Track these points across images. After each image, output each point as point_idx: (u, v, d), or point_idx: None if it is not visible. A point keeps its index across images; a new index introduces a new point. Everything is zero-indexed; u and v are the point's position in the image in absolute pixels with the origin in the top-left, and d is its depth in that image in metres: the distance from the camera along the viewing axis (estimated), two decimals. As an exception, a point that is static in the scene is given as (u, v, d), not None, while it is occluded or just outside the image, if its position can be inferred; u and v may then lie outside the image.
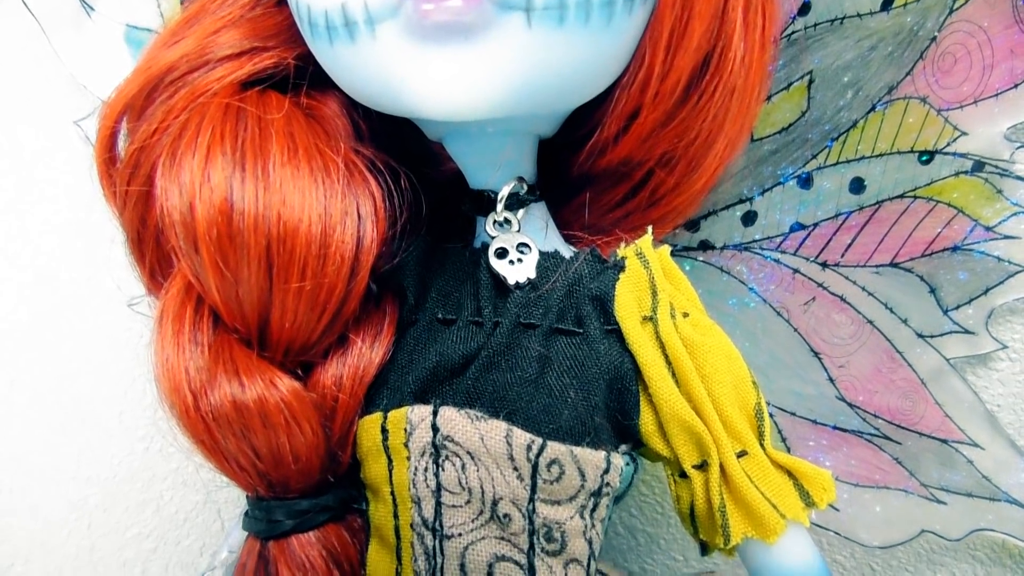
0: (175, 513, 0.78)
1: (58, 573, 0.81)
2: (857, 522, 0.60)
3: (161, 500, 0.78)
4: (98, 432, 0.78)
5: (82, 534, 0.80)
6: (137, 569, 0.80)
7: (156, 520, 0.78)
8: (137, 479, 0.79)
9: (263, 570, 0.44)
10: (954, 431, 0.60)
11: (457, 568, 0.42)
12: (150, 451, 0.78)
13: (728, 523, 0.44)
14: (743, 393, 0.46)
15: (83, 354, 0.78)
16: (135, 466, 0.78)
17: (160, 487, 0.78)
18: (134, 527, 0.79)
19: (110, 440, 0.78)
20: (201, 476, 0.77)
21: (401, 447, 0.44)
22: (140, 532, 0.79)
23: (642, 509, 0.70)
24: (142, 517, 0.79)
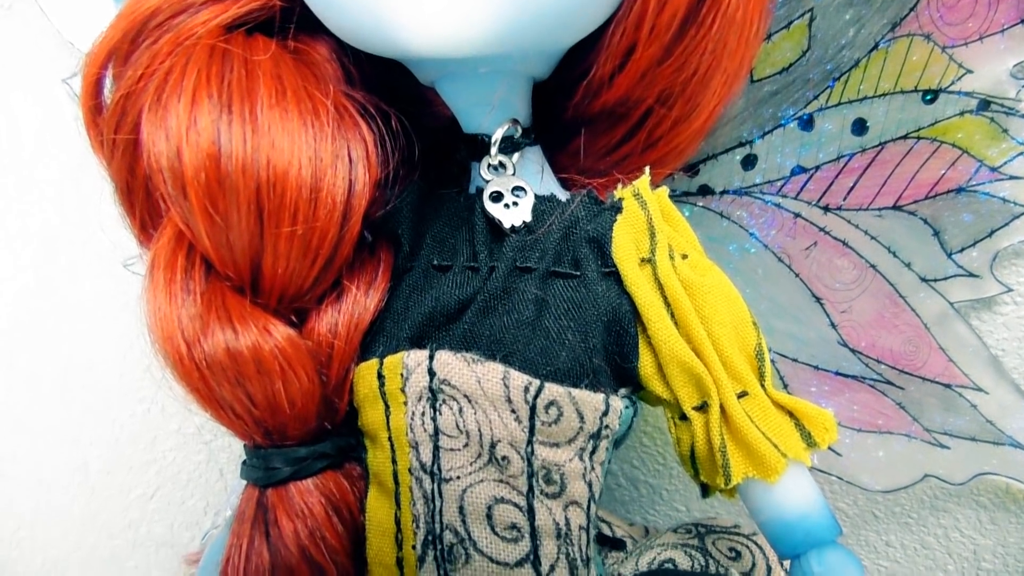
0: (178, 473, 0.79)
1: (63, 536, 0.81)
2: (860, 467, 0.60)
3: (164, 461, 0.78)
4: (98, 395, 0.78)
5: (86, 497, 0.80)
6: (143, 530, 0.80)
7: (159, 481, 0.79)
8: (139, 440, 0.79)
9: (262, 518, 0.44)
10: (958, 376, 0.59)
11: (456, 511, 0.41)
12: (151, 412, 0.78)
13: (729, 463, 0.43)
14: (743, 334, 0.46)
15: (82, 317, 0.78)
16: (136, 428, 0.78)
17: (162, 448, 0.78)
18: (137, 488, 0.79)
19: (110, 402, 0.78)
20: (203, 436, 0.77)
21: (398, 392, 0.43)
22: (144, 493, 0.79)
23: (644, 461, 0.69)
24: (145, 478, 0.79)
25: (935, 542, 0.65)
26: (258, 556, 0.43)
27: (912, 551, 0.66)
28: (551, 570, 0.42)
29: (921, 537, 0.66)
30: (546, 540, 0.42)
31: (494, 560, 0.41)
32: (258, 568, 0.43)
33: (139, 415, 0.78)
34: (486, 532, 0.41)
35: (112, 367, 0.78)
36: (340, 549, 0.44)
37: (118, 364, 0.78)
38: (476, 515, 0.42)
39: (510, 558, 0.41)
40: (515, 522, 0.42)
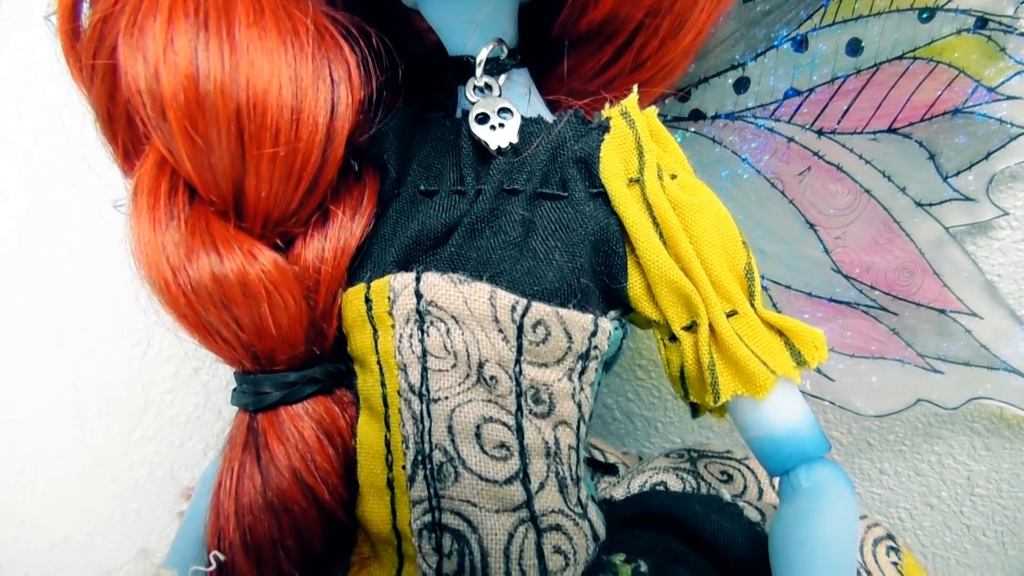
0: (176, 415, 0.79)
1: (65, 479, 0.82)
2: (853, 392, 0.60)
3: (162, 403, 0.79)
4: (95, 340, 0.79)
5: (87, 441, 0.81)
6: (143, 471, 0.81)
7: (158, 423, 0.79)
8: (137, 384, 0.79)
9: (253, 442, 0.44)
10: (952, 301, 0.59)
11: (445, 430, 0.42)
12: (148, 356, 0.78)
13: (718, 381, 0.43)
14: (732, 253, 0.45)
15: (74, 261, 0.78)
16: (134, 372, 0.79)
17: (160, 390, 0.78)
18: (137, 431, 0.79)
19: (107, 347, 0.79)
20: (200, 377, 0.77)
21: (385, 316, 0.43)
22: (143, 436, 0.80)
23: (639, 394, 0.70)
24: (144, 420, 0.79)
25: (929, 469, 0.66)
26: (250, 479, 0.43)
27: (906, 478, 0.66)
28: (540, 488, 0.42)
29: (915, 464, 0.66)
30: (535, 458, 0.42)
31: (483, 478, 0.41)
32: (250, 491, 0.43)
33: (135, 359, 0.78)
34: (475, 451, 0.42)
35: (107, 312, 0.78)
36: (332, 472, 0.45)
37: (113, 309, 0.78)
38: (465, 434, 0.42)
39: (499, 476, 0.42)
40: (504, 441, 0.42)
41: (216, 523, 0.43)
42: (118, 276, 0.77)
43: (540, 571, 0.41)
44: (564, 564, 0.42)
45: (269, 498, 0.43)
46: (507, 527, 0.41)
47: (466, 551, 0.41)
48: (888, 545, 0.50)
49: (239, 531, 0.42)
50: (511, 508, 0.42)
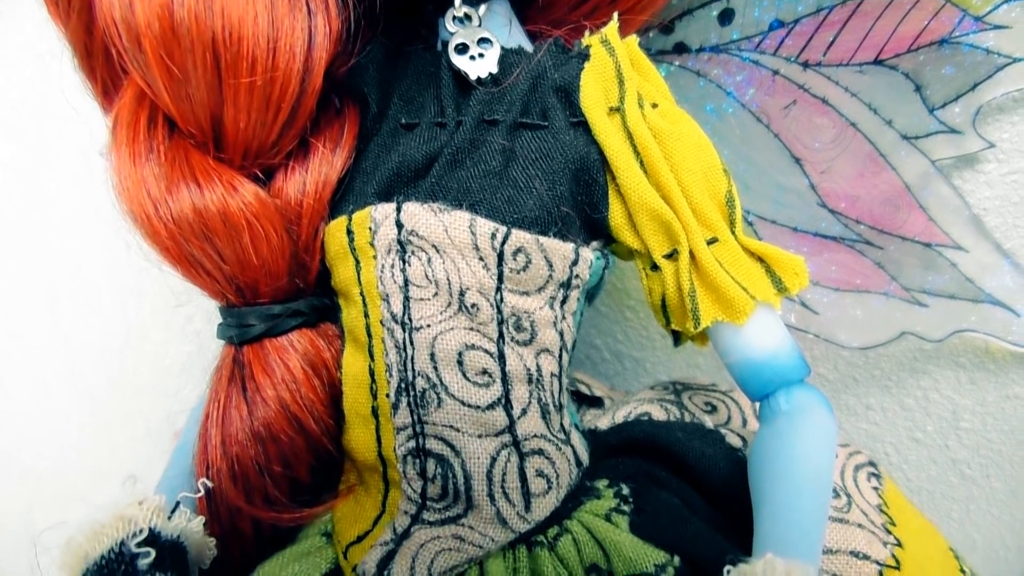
0: (170, 365, 0.80)
1: (63, 433, 0.83)
2: (837, 325, 0.60)
3: (155, 353, 0.79)
4: (87, 292, 0.79)
5: (81, 394, 0.82)
6: (139, 422, 0.82)
7: (153, 373, 0.80)
8: (130, 335, 0.79)
9: (238, 374, 0.45)
10: (938, 235, 0.59)
11: (427, 358, 0.42)
12: (140, 306, 0.79)
13: (698, 308, 0.44)
14: (713, 180, 0.45)
15: (66, 215, 0.78)
16: (126, 323, 0.79)
17: (153, 341, 0.79)
18: (131, 381, 0.80)
19: (99, 299, 0.79)
20: (193, 325, 0.78)
21: (367, 247, 0.43)
22: (138, 386, 0.81)
23: (628, 335, 0.70)
24: (140, 371, 0.80)
25: (914, 404, 0.66)
26: (236, 410, 0.44)
27: (892, 413, 0.67)
28: (523, 414, 0.43)
29: (900, 399, 0.66)
30: (517, 385, 0.43)
31: (465, 403, 0.42)
32: (236, 421, 0.44)
33: (128, 310, 0.79)
34: (457, 377, 0.42)
35: (97, 263, 0.78)
36: (318, 403, 0.45)
37: (105, 261, 0.78)
38: (447, 361, 0.42)
39: (481, 401, 0.42)
40: (486, 368, 0.42)
41: (204, 452, 0.44)
42: (108, 227, 0.77)
43: (523, 493, 0.42)
44: (547, 487, 0.43)
45: (255, 428, 0.44)
46: (489, 451, 0.42)
47: (449, 474, 0.42)
48: (869, 471, 0.50)
49: (226, 460, 0.43)
50: (493, 433, 0.42)
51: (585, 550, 0.41)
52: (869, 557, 0.44)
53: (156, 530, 0.39)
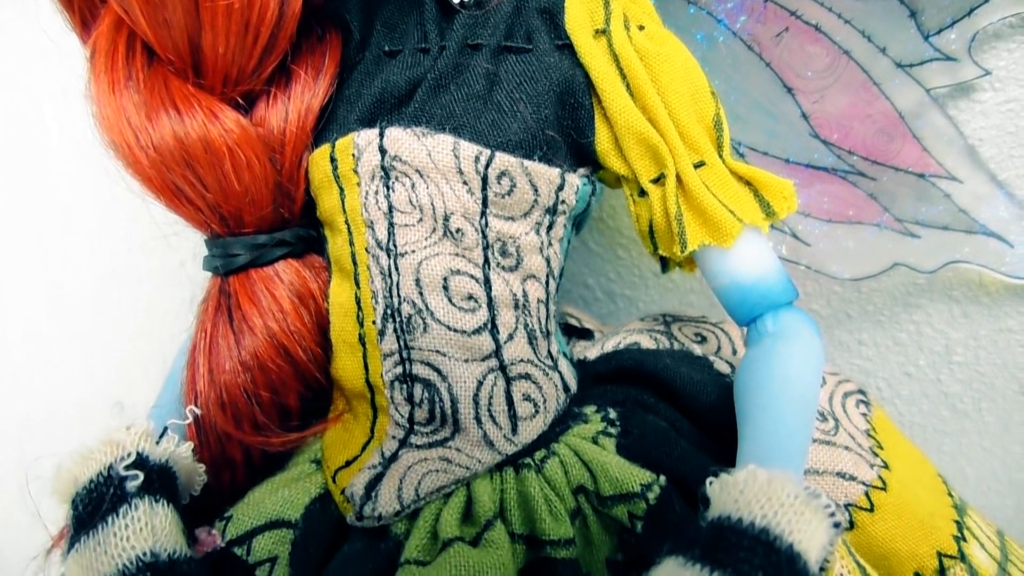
0: (165, 313, 0.80)
1: (58, 382, 0.83)
2: (829, 256, 0.60)
3: (150, 300, 0.79)
4: (78, 240, 0.79)
5: (77, 344, 0.82)
6: (136, 369, 0.82)
7: (147, 320, 0.80)
8: (124, 281, 0.79)
9: (225, 304, 0.45)
10: (932, 165, 0.58)
11: (413, 283, 0.42)
12: (132, 252, 0.78)
13: (685, 231, 0.43)
14: (701, 103, 0.45)
15: (56, 163, 0.77)
16: (120, 269, 0.79)
17: (147, 287, 0.79)
18: (126, 328, 0.80)
19: (91, 247, 0.79)
20: (186, 271, 0.78)
21: (351, 174, 0.43)
22: (133, 332, 0.81)
23: (620, 273, 0.70)
24: (134, 318, 0.80)
25: (907, 338, 0.66)
26: (223, 339, 0.44)
27: (884, 348, 0.67)
28: (509, 339, 0.43)
29: (893, 334, 0.66)
30: (503, 310, 0.43)
31: (451, 328, 0.42)
32: (224, 350, 0.44)
33: (120, 256, 0.79)
34: (443, 302, 0.42)
35: (88, 211, 0.78)
36: (306, 333, 0.45)
37: (95, 206, 0.78)
38: (432, 286, 0.42)
39: (467, 326, 0.42)
40: (472, 293, 0.42)
41: (192, 382, 0.44)
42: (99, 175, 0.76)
43: (509, 417, 0.42)
44: (534, 411, 0.43)
45: (243, 357, 0.44)
46: (476, 375, 0.42)
47: (436, 399, 0.42)
48: (858, 399, 0.51)
49: (214, 388, 0.43)
50: (480, 358, 0.42)
51: (572, 472, 0.42)
52: (856, 478, 0.44)
53: (144, 454, 0.40)
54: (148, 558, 0.37)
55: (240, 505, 0.43)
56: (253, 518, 0.42)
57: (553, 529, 0.39)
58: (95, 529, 0.37)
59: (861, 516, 0.44)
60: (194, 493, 0.43)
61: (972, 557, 0.45)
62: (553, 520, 0.40)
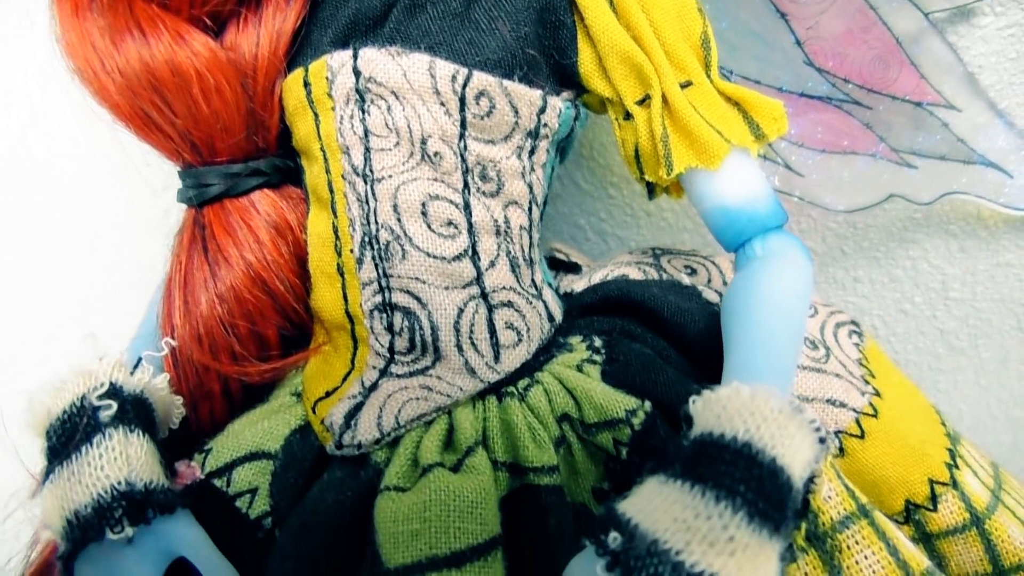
0: (151, 260, 0.78)
1: (41, 331, 0.82)
2: (822, 187, 0.58)
3: (137, 250, 0.78)
4: (51, 170, 0.77)
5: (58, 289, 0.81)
6: (121, 318, 0.81)
7: (132, 268, 0.79)
8: (109, 229, 0.78)
9: (200, 235, 0.44)
10: (930, 93, 0.57)
11: (390, 209, 0.41)
12: (119, 200, 0.77)
13: (671, 153, 0.42)
14: (687, 21, 0.43)
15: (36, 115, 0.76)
16: (104, 220, 0.78)
17: (133, 237, 0.78)
18: (112, 277, 0.79)
19: (65, 174, 0.77)
20: (171, 220, 0.76)
21: (325, 98, 0.42)
22: (124, 282, 0.80)
23: (611, 213, 0.68)
24: (121, 268, 0.79)
25: (903, 275, 0.65)
26: (200, 271, 0.43)
27: (880, 285, 0.66)
28: (491, 266, 0.42)
29: (889, 271, 0.65)
30: (484, 236, 0.42)
31: (431, 255, 0.41)
32: (200, 283, 0.43)
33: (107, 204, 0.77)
34: (422, 228, 0.41)
35: (61, 140, 0.76)
36: (284, 265, 0.44)
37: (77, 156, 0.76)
38: (410, 212, 0.41)
39: (447, 253, 0.41)
40: (451, 219, 0.41)
41: (168, 315, 0.43)
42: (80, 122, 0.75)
43: (492, 345, 0.41)
44: (517, 339, 0.42)
45: (219, 289, 0.43)
46: (457, 303, 0.41)
47: (416, 327, 0.41)
48: (851, 329, 0.50)
49: (189, 321, 0.42)
50: (461, 285, 0.41)
51: (556, 399, 0.41)
52: (846, 405, 0.44)
53: (117, 385, 0.39)
54: (123, 487, 0.36)
55: (220, 437, 0.42)
56: (233, 450, 0.41)
57: (536, 456, 0.39)
58: (69, 459, 0.37)
59: (851, 443, 0.43)
60: (173, 427, 0.43)
61: (964, 484, 0.44)
62: (536, 447, 0.39)
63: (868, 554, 0.36)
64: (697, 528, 0.29)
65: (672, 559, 0.29)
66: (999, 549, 0.43)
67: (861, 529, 0.37)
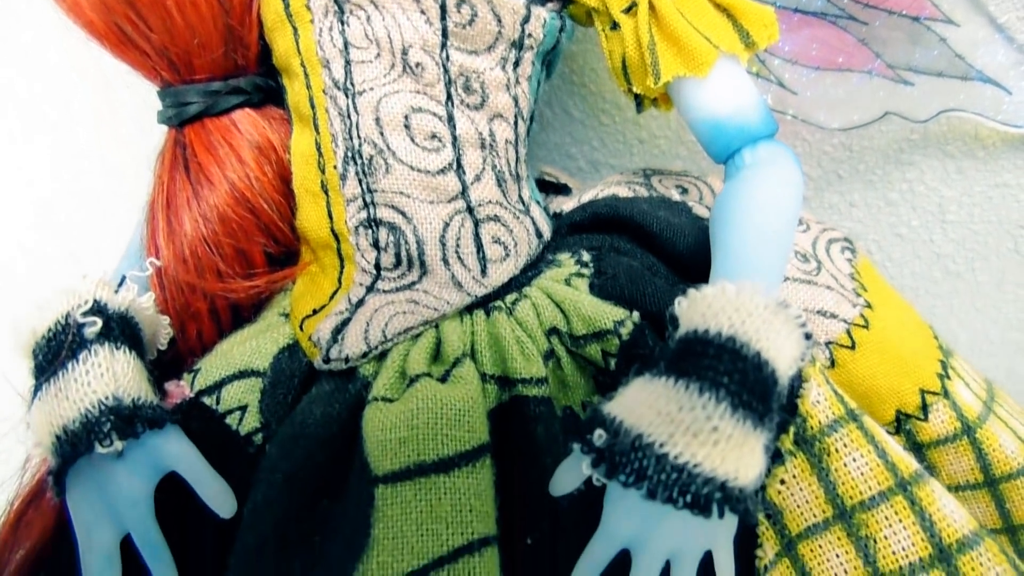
0: (125, 167, 0.77)
1: (34, 269, 0.82)
2: (816, 105, 0.57)
3: (132, 188, 0.77)
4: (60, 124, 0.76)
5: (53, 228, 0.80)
6: (115, 254, 0.80)
7: (124, 204, 0.78)
8: (100, 165, 0.77)
9: (181, 155, 0.43)
10: (927, 7, 0.55)
11: (373, 123, 0.40)
12: (91, 101, 0.75)
13: (658, 61, 0.41)
14: (675, -76, 0.42)
15: (25, 53, 0.75)
16: (97, 154, 0.77)
17: (127, 175, 0.77)
18: (103, 211, 0.78)
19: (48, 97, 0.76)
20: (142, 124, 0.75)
21: (303, 10, 0.41)
22: (116, 225, 0.79)
23: (604, 141, 0.68)
24: (114, 209, 0.79)
25: (899, 198, 0.64)
26: (182, 192, 0.43)
27: (876, 209, 0.65)
28: (476, 179, 0.41)
29: (885, 194, 0.64)
30: (469, 150, 0.41)
31: (415, 168, 0.40)
32: (183, 204, 0.42)
33: (106, 141, 0.76)
34: (405, 141, 0.40)
35: (47, 58, 0.75)
36: (268, 185, 0.44)
37: (68, 95, 0.75)
38: (393, 125, 0.40)
39: (431, 166, 0.40)
40: (435, 132, 0.40)
41: (152, 237, 0.43)
42: (69, 60, 0.74)
43: (479, 259, 0.41)
44: (504, 254, 0.42)
45: (203, 210, 0.42)
46: (442, 216, 0.40)
47: (402, 242, 0.40)
48: (844, 246, 0.49)
49: (173, 241, 0.42)
50: (446, 199, 0.41)
51: (544, 313, 0.41)
52: (837, 316, 0.43)
53: (102, 302, 0.39)
54: (110, 402, 0.36)
55: (208, 357, 0.42)
56: (221, 369, 0.41)
57: (525, 368, 0.39)
58: (55, 376, 0.37)
59: (842, 354, 0.43)
60: (161, 348, 0.42)
61: (956, 395, 0.44)
62: (525, 359, 0.39)
63: (856, 456, 0.36)
64: (681, 420, 0.29)
65: (656, 451, 0.29)
66: (990, 458, 0.43)
67: (849, 432, 0.37)
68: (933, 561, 0.35)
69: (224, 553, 0.36)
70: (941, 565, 0.35)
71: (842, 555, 0.36)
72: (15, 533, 0.40)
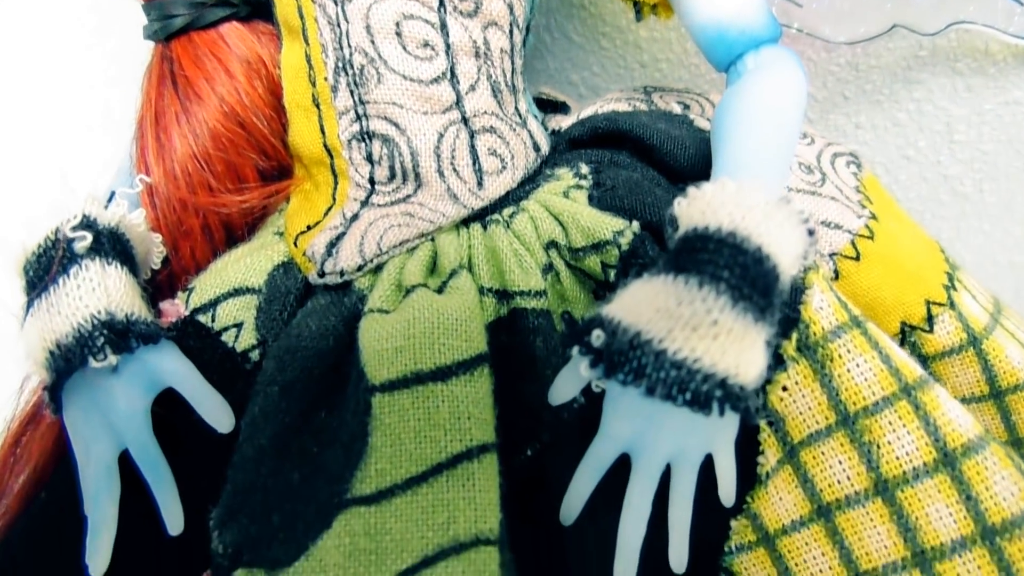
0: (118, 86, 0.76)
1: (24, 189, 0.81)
2: (822, 18, 0.55)
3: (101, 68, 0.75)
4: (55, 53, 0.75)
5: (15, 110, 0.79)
6: (86, 143, 0.79)
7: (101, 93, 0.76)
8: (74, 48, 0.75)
9: (168, 71, 0.42)
10: (937, -86, 0.53)
11: (363, 31, 0.39)
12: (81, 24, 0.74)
13: (658, -38, 0.40)
14: None
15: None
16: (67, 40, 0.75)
17: (123, 110, 0.76)
18: (76, 99, 0.77)
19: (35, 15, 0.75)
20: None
21: (289, -85, 0.39)
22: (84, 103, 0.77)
23: (604, 66, 0.66)
24: (105, 140, 0.77)
25: (907, 118, 0.63)
26: (171, 107, 0.42)
27: (883, 130, 0.64)
28: (471, 89, 0.40)
29: (892, 115, 0.63)
30: (463, 58, 0.40)
31: (407, 77, 0.39)
32: (171, 120, 0.41)
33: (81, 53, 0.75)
34: (397, 50, 0.39)
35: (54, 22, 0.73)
36: (259, 100, 0.43)
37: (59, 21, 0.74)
38: (384, 33, 0.39)
39: (424, 75, 0.39)
40: (428, 39, 0.39)
41: (142, 154, 0.42)
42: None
43: (475, 171, 0.40)
44: (500, 166, 0.41)
45: (192, 126, 0.41)
46: (437, 127, 0.39)
47: (396, 154, 0.39)
48: (849, 159, 0.48)
49: (163, 157, 0.41)
50: (440, 110, 0.40)
51: (542, 226, 0.40)
52: (841, 227, 0.42)
53: (91, 217, 0.38)
54: (103, 316, 0.36)
55: (203, 276, 0.41)
56: (216, 287, 0.40)
57: (523, 280, 0.38)
58: (47, 292, 0.36)
59: (846, 265, 0.42)
60: (154, 267, 0.42)
61: (962, 306, 0.43)
62: (523, 272, 0.38)
63: (860, 362, 0.36)
64: (679, 314, 0.28)
65: (654, 348, 0.28)
66: (996, 369, 0.43)
67: (853, 339, 0.36)
68: (937, 465, 0.35)
69: (222, 467, 0.36)
70: (946, 469, 0.35)
71: (845, 461, 0.36)
72: (14, 454, 0.40)
